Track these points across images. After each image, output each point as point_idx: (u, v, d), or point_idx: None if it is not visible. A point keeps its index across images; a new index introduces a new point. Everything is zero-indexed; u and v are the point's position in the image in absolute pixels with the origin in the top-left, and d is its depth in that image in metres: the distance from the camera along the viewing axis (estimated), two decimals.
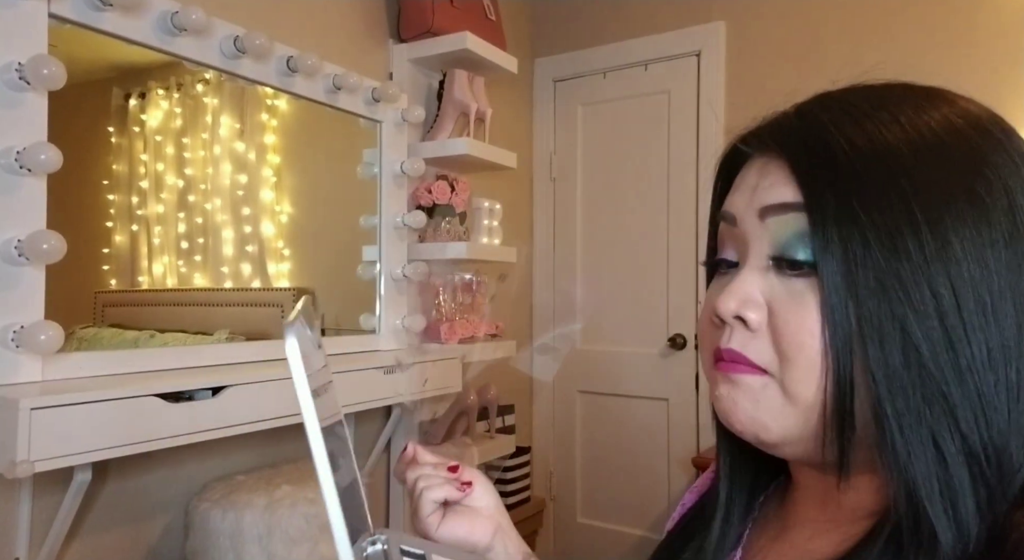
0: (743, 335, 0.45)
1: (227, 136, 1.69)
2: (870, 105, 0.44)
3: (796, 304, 0.43)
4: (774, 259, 0.44)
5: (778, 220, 0.44)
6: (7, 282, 1.16)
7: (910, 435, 0.39)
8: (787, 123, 0.47)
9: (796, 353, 0.42)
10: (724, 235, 0.50)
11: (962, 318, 0.39)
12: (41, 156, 1.14)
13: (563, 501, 2.78)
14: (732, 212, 0.48)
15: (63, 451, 1.10)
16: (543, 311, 2.85)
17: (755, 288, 0.45)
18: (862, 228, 0.40)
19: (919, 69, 2.03)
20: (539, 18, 2.86)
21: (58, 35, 1.23)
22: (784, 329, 0.43)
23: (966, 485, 0.38)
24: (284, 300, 1.80)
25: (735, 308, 0.45)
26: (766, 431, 0.44)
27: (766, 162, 0.46)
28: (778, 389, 0.43)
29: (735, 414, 0.45)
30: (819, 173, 0.42)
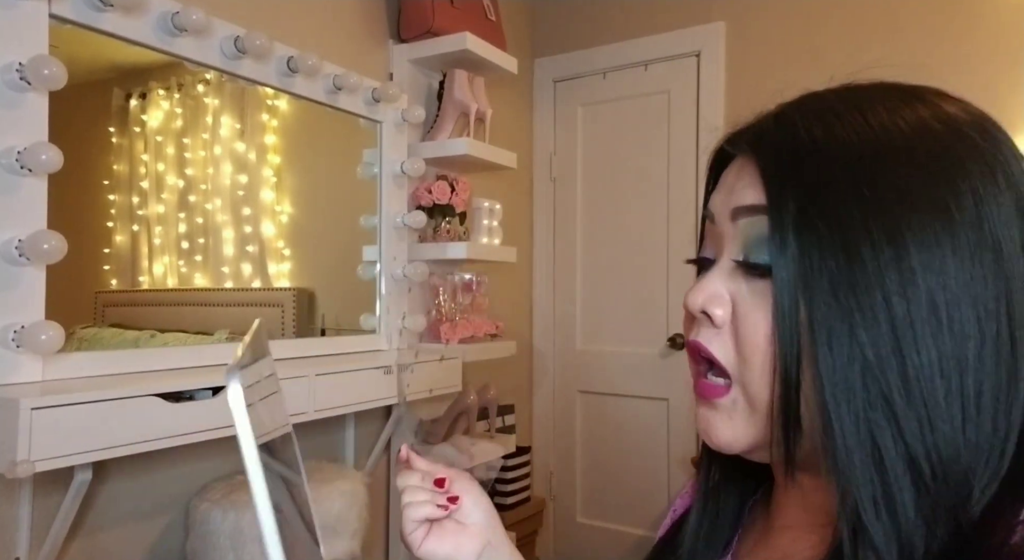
0: (709, 331, 0.47)
1: (227, 136, 1.69)
2: (844, 106, 0.44)
3: (754, 305, 0.44)
4: (739, 259, 0.46)
5: (746, 222, 0.45)
6: (8, 282, 1.16)
7: (851, 439, 0.39)
8: (765, 125, 0.47)
9: (752, 354, 0.43)
10: (707, 233, 0.51)
11: (912, 326, 0.38)
12: (42, 156, 1.14)
13: (563, 501, 2.79)
14: (712, 211, 0.50)
15: (63, 451, 1.10)
16: (543, 311, 2.85)
17: (722, 286, 0.46)
18: (818, 233, 0.40)
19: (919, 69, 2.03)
20: (539, 18, 2.86)
21: (59, 35, 1.24)
22: (742, 329, 0.44)
23: (906, 493, 0.38)
24: (284, 300, 1.80)
25: (701, 303, 0.46)
26: (738, 442, 0.46)
27: (743, 163, 0.48)
28: (742, 397, 0.45)
29: (711, 433, 0.47)
30: (783, 176, 0.43)
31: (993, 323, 0.39)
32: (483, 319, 2.18)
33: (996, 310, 0.39)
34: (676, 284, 2.55)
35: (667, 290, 2.57)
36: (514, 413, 2.49)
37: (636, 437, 2.63)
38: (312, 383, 1.51)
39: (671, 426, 2.55)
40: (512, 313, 2.66)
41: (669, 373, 2.57)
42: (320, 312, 1.88)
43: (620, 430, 2.66)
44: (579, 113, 2.79)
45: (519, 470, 2.47)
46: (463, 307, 2.15)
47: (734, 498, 0.56)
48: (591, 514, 2.73)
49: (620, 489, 2.65)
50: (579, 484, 2.76)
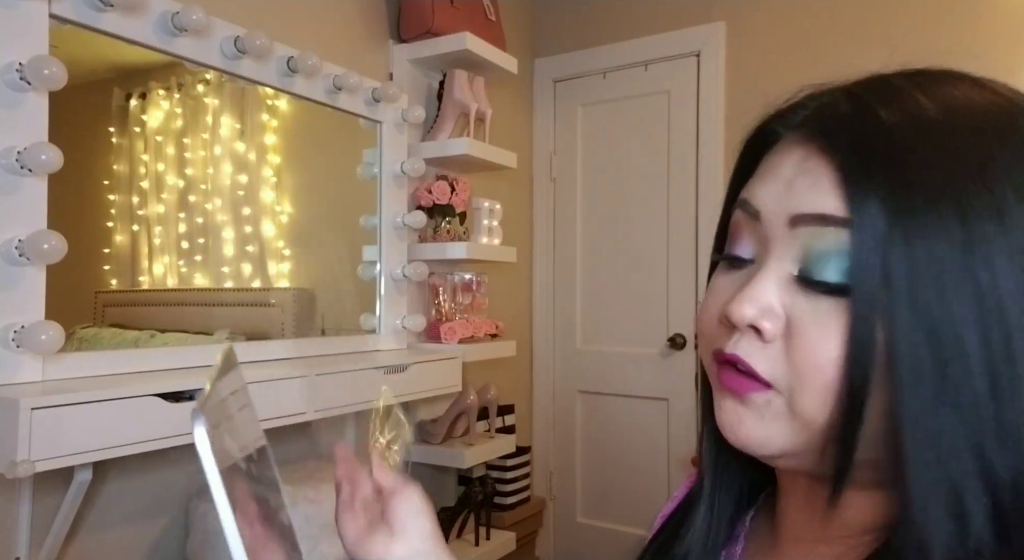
0: (753, 344, 0.42)
1: (227, 136, 1.69)
2: (936, 105, 0.40)
3: (820, 324, 0.39)
4: (803, 271, 0.41)
5: (813, 231, 0.40)
6: (8, 282, 1.16)
7: (927, 457, 0.36)
8: (837, 113, 0.42)
9: (813, 374, 0.39)
10: (741, 225, 0.45)
11: (1015, 365, 0.36)
12: (42, 156, 1.14)
13: (563, 501, 2.78)
14: (756, 206, 0.44)
15: (63, 451, 1.10)
16: (543, 311, 2.85)
17: (775, 298, 0.41)
18: (912, 259, 0.36)
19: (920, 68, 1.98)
20: (539, 18, 2.86)
21: (59, 35, 1.24)
22: (803, 347, 0.40)
23: (982, 514, 0.36)
24: (284, 300, 1.80)
25: (752, 317, 0.41)
26: (769, 444, 0.42)
27: (807, 156, 0.42)
28: (783, 404, 0.41)
29: (739, 430, 0.43)
30: (872, 188, 0.38)
31: None
32: (483, 319, 2.18)
33: None
34: (676, 284, 2.55)
35: (667, 290, 2.57)
36: (514, 413, 2.49)
37: (636, 437, 2.63)
38: (312, 383, 1.51)
39: (671, 426, 2.55)
40: (512, 313, 2.66)
41: (669, 373, 2.57)
42: (320, 312, 1.88)
43: (620, 430, 2.66)
44: (579, 113, 2.79)
45: (519, 470, 2.47)
46: (463, 307, 2.15)
47: (731, 501, 0.53)
48: (591, 514, 2.73)
49: (620, 489, 2.65)
50: (579, 484, 2.76)
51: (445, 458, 2.03)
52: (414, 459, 2.06)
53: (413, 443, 2.07)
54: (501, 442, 2.17)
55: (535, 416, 2.85)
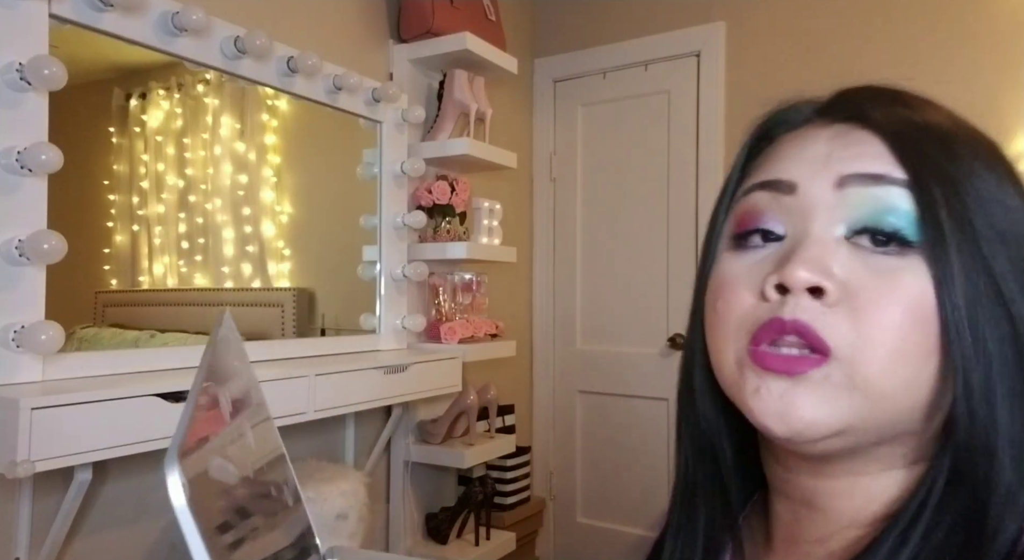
0: (813, 309, 0.40)
1: (227, 136, 1.69)
2: (928, 101, 0.45)
3: (886, 283, 0.39)
4: (857, 232, 0.41)
5: (864, 192, 0.41)
6: (8, 282, 1.16)
7: (1005, 412, 0.38)
8: (868, 97, 0.45)
9: (881, 336, 0.39)
10: (762, 206, 0.44)
11: None
12: (42, 156, 1.14)
13: (563, 501, 2.78)
14: (790, 179, 0.43)
15: (63, 451, 1.10)
16: (543, 311, 2.85)
17: (832, 259, 0.40)
18: (974, 209, 0.40)
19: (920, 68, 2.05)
20: (539, 18, 2.86)
21: (59, 35, 1.24)
22: (871, 308, 0.39)
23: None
24: (284, 300, 1.80)
25: (810, 278, 0.39)
26: (830, 423, 0.40)
27: (841, 132, 0.43)
28: (843, 376, 0.39)
29: (790, 415, 0.40)
30: (922, 154, 0.41)
31: None
32: (483, 319, 2.18)
33: None
34: (676, 284, 2.55)
35: (667, 290, 2.57)
36: (514, 413, 2.49)
37: (636, 437, 2.63)
38: (312, 383, 1.51)
39: (671, 426, 2.54)
40: (512, 313, 2.66)
41: (669, 373, 2.57)
42: (320, 312, 1.88)
43: (620, 430, 2.66)
44: (579, 113, 2.79)
45: (519, 470, 2.47)
46: (463, 307, 2.15)
47: (720, 512, 0.51)
48: (591, 514, 2.73)
49: (620, 489, 2.65)
50: (579, 484, 2.76)
51: (445, 458, 2.04)
52: (414, 459, 2.06)
53: (413, 443, 2.07)
54: (501, 442, 2.17)
55: (535, 416, 2.85)
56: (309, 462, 1.71)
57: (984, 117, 1.77)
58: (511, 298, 2.70)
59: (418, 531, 2.13)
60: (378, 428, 2.01)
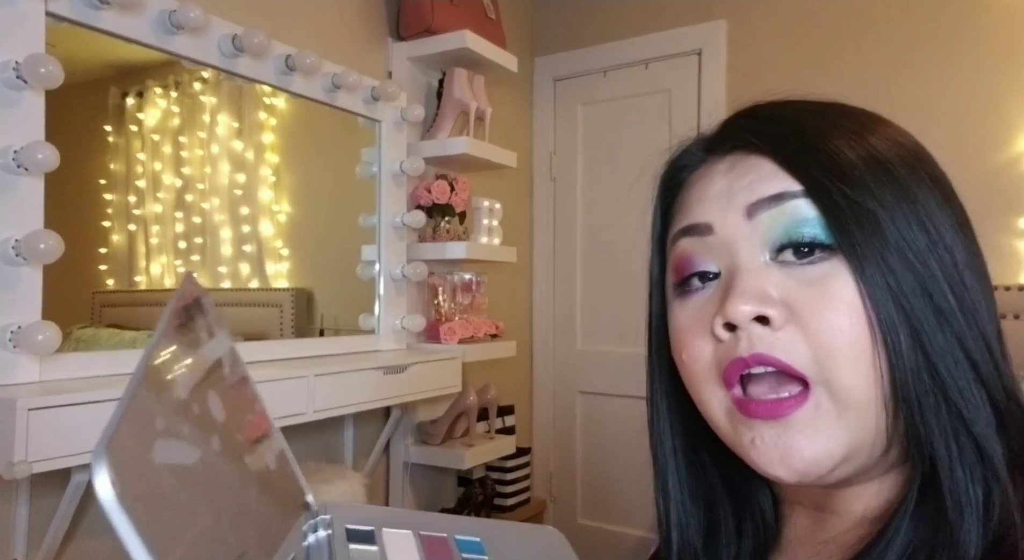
0: (766, 337, 0.41)
1: (225, 135, 1.68)
2: (808, 109, 0.46)
3: (818, 291, 0.41)
4: (779, 249, 0.42)
5: (773, 213, 0.42)
6: (4, 282, 1.15)
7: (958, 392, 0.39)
8: (745, 124, 0.46)
9: (838, 342, 0.40)
10: (689, 251, 0.47)
11: (963, 281, 0.41)
12: (38, 155, 1.13)
13: (563, 502, 2.78)
14: (705, 221, 0.45)
15: (61, 452, 1.09)
16: (543, 311, 2.84)
17: (765, 285, 0.42)
18: (858, 203, 0.41)
19: (920, 68, 2.04)
20: (539, 17, 2.86)
21: (55, 34, 1.23)
22: (815, 319, 0.40)
23: (994, 439, 0.39)
24: (283, 300, 1.80)
25: (752, 309, 0.41)
26: (834, 452, 0.40)
27: (731, 165, 0.45)
28: (828, 399, 0.40)
29: (792, 459, 0.40)
30: (809, 161, 0.42)
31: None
32: (483, 319, 2.18)
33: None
34: None
35: None
36: (514, 413, 2.48)
37: (636, 438, 2.60)
38: (311, 383, 1.50)
39: None
40: (512, 313, 2.65)
41: None
42: (319, 312, 1.87)
43: (620, 430, 2.65)
44: (579, 112, 2.78)
45: (519, 471, 2.46)
46: (463, 307, 2.14)
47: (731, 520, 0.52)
48: (591, 515, 2.72)
49: (620, 490, 2.64)
50: (579, 485, 2.75)
51: (445, 459, 2.03)
52: (414, 460, 2.06)
53: (413, 444, 2.06)
54: (501, 443, 2.16)
55: (535, 417, 2.84)
56: (308, 463, 1.70)
57: (984, 117, 1.79)
58: (511, 298, 2.70)
59: None
60: (377, 429, 2.00)
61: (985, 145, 2.00)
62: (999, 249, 1.94)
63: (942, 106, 2.05)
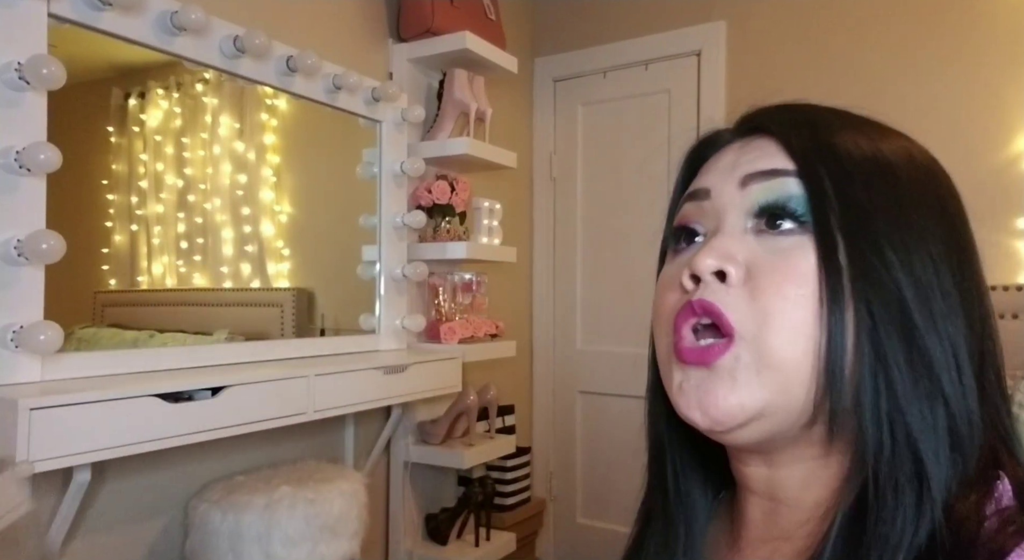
0: (719, 291, 0.44)
1: (227, 136, 1.68)
2: (840, 118, 0.49)
3: (781, 260, 0.43)
4: (755, 218, 0.46)
5: (763, 185, 0.46)
6: (6, 282, 1.15)
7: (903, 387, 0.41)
8: (769, 113, 0.50)
9: (780, 307, 0.42)
10: (689, 214, 0.51)
11: (936, 294, 0.42)
12: (40, 156, 1.14)
13: (563, 501, 2.78)
14: (705, 186, 0.49)
15: (62, 451, 1.09)
16: (543, 311, 2.85)
17: (735, 247, 0.45)
18: (851, 195, 0.43)
19: (920, 68, 2.04)
20: (539, 18, 2.86)
21: (57, 35, 1.23)
22: (767, 285, 0.43)
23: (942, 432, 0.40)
24: (284, 300, 1.80)
25: (714, 263, 0.44)
26: (746, 407, 0.43)
27: (745, 144, 0.49)
28: (751, 356, 0.42)
29: (708, 404, 0.43)
30: (812, 149, 0.45)
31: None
32: (483, 319, 2.18)
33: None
34: None
35: None
36: (514, 413, 2.49)
37: (636, 437, 2.61)
38: (311, 383, 1.51)
39: None
40: (512, 313, 2.65)
41: None
42: (319, 312, 1.87)
43: (620, 430, 2.66)
44: (579, 112, 2.79)
45: (519, 470, 2.46)
46: (463, 307, 2.15)
47: (694, 511, 0.55)
48: (591, 515, 2.72)
49: (620, 489, 2.64)
50: (579, 484, 2.76)
51: (445, 459, 2.03)
52: (414, 460, 2.06)
53: (413, 444, 2.07)
54: (501, 443, 2.16)
55: (535, 416, 2.85)
56: (308, 463, 1.70)
57: (984, 117, 1.80)
58: (511, 298, 2.70)
59: (418, 532, 2.13)
60: (378, 429, 2.01)
61: (985, 145, 2.00)
62: (999, 249, 1.94)
63: (942, 106, 2.05)
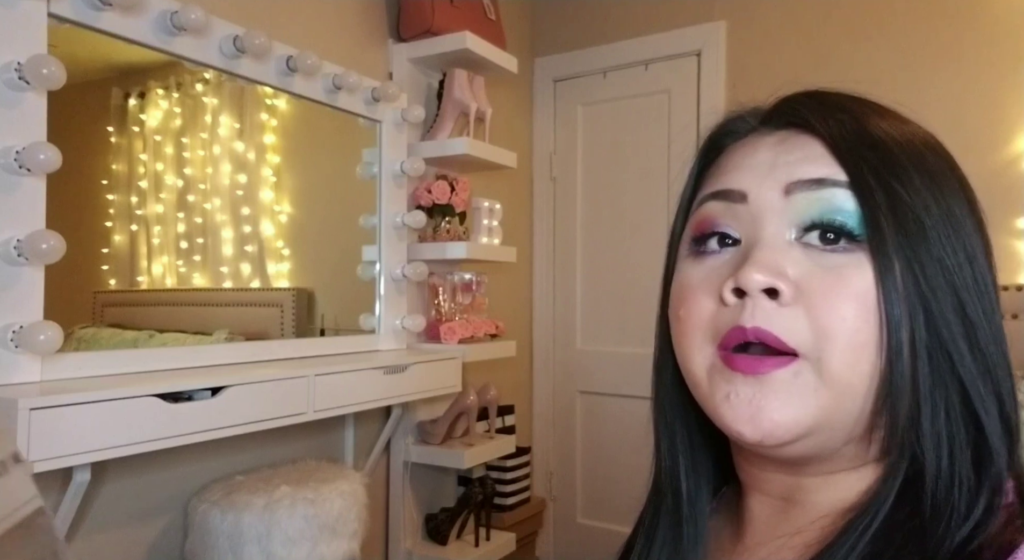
0: (769, 310, 0.41)
1: (226, 136, 1.68)
2: (870, 106, 0.46)
3: (835, 278, 0.41)
4: (804, 232, 0.43)
5: (810, 195, 0.42)
6: (6, 282, 1.15)
7: (964, 404, 0.41)
8: (805, 104, 0.46)
9: (839, 328, 0.40)
10: (717, 215, 0.47)
11: (989, 295, 0.42)
12: (40, 156, 1.14)
13: (563, 501, 2.78)
14: (740, 189, 0.45)
15: (62, 451, 1.09)
16: (543, 311, 2.85)
17: (784, 261, 0.42)
18: (906, 205, 0.41)
19: (920, 68, 2.04)
20: (539, 18, 2.86)
21: (57, 35, 1.23)
22: (823, 304, 0.40)
23: (1002, 451, 0.40)
24: (284, 300, 1.80)
25: (765, 280, 0.41)
26: (800, 422, 0.40)
27: (783, 139, 0.45)
28: (812, 372, 0.40)
29: (761, 418, 0.41)
30: (860, 152, 0.42)
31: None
32: (483, 319, 2.18)
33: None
34: None
35: None
36: (514, 413, 2.49)
37: (636, 437, 2.61)
38: (311, 383, 1.51)
39: None
40: (512, 313, 2.65)
41: None
42: (319, 312, 1.87)
43: (620, 430, 2.66)
44: (579, 113, 2.79)
45: (519, 470, 2.46)
46: (463, 307, 2.15)
47: (702, 506, 0.53)
48: (591, 515, 2.72)
49: (620, 489, 2.64)
50: (579, 484, 2.76)
51: (445, 459, 2.03)
52: (414, 460, 2.06)
53: (413, 444, 2.07)
54: (501, 442, 2.16)
55: (535, 416, 2.85)
56: (308, 463, 1.70)
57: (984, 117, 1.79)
58: (511, 298, 2.70)
59: (418, 532, 2.13)
60: (378, 428, 2.01)
61: (985, 145, 2.00)
62: (999, 249, 1.93)
63: (942, 106, 2.05)
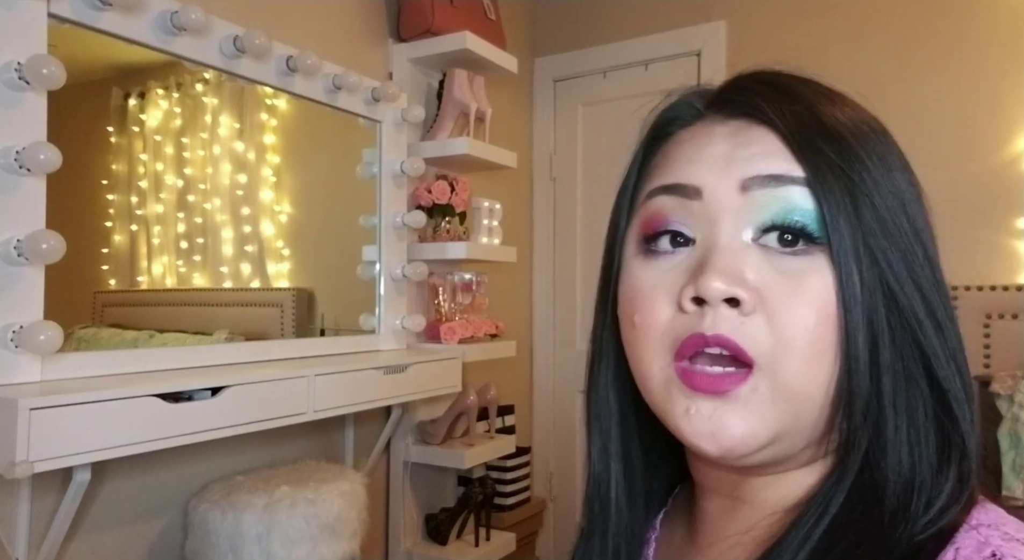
0: (732, 320, 0.40)
1: (226, 136, 1.68)
2: (820, 91, 0.45)
3: (795, 283, 0.40)
4: (765, 231, 0.41)
5: (768, 193, 0.41)
6: (6, 282, 1.15)
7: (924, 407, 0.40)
8: (758, 91, 0.44)
9: (799, 338, 0.39)
10: (668, 210, 0.44)
11: (939, 278, 0.41)
12: (40, 156, 1.14)
13: (563, 501, 2.78)
14: (695, 184, 0.43)
15: (62, 451, 1.09)
16: (543, 311, 2.85)
17: (743, 266, 0.40)
18: (866, 198, 0.40)
19: (920, 68, 2.04)
20: (539, 18, 2.86)
21: (57, 35, 1.23)
22: (783, 313, 0.39)
23: (971, 443, 0.40)
24: (284, 300, 1.80)
25: (725, 289, 0.39)
26: (758, 436, 0.40)
27: (738, 129, 0.43)
28: (768, 384, 0.39)
29: (722, 435, 0.40)
30: (815, 145, 0.41)
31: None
32: (483, 319, 2.18)
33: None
34: None
35: None
36: (514, 413, 2.49)
37: None
38: (311, 383, 1.51)
39: None
40: (512, 313, 2.65)
41: None
42: (319, 312, 1.87)
43: None
44: (579, 113, 2.79)
45: (519, 471, 2.46)
46: (463, 307, 2.15)
47: (641, 508, 0.52)
48: None
49: None
50: (579, 484, 2.75)
51: (445, 459, 2.03)
52: (414, 460, 2.06)
53: (413, 444, 2.07)
54: (501, 443, 2.16)
55: (535, 416, 2.85)
56: (308, 463, 1.70)
57: (984, 117, 1.79)
58: (511, 298, 2.70)
59: (418, 532, 2.13)
60: (378, 429, 2.01)
61: (985, 145, 2.00)
62: (999, 249, 1.94)
63: (942, 106, 2.05)
